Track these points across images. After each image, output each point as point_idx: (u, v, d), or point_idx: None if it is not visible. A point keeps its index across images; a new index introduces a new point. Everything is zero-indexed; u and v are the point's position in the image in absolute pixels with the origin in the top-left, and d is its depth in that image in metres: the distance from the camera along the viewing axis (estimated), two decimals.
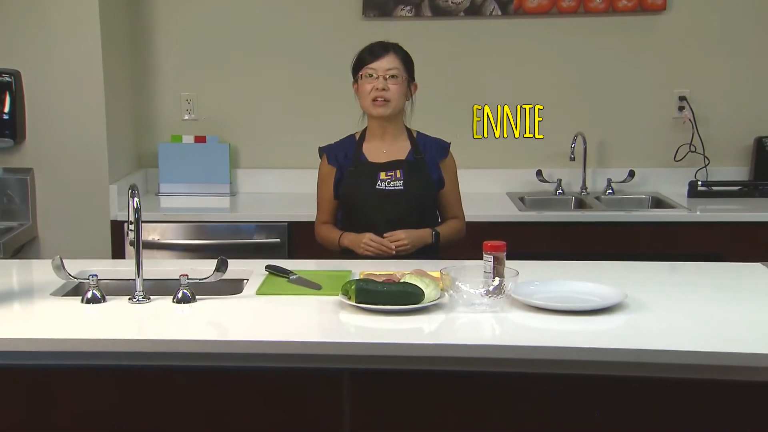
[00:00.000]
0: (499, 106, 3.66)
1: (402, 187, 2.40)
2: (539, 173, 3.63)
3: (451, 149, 2.52)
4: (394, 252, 2.31)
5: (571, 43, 3.63)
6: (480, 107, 3.66)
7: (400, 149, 2.45)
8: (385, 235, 2.34)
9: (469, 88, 3.65)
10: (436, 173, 2.45)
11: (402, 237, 2.33)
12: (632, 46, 3.62)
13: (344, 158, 2.45)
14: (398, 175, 2.40)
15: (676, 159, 3.65)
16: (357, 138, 2.49)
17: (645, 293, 2.01)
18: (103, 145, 3.21)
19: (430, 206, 2.46)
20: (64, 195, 3.23)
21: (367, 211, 2.40)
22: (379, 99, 2.36)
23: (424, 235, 2.39)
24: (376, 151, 2.45)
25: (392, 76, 2.36)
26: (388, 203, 2.38)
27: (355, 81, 2.43)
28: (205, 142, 3.60)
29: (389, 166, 2.42)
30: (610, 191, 3.63)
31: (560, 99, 3.67)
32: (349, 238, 2.37)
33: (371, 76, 2.36)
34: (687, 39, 3.62)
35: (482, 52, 3.62)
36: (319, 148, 2.51)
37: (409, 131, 2.49)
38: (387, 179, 2.40)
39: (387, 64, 2.36)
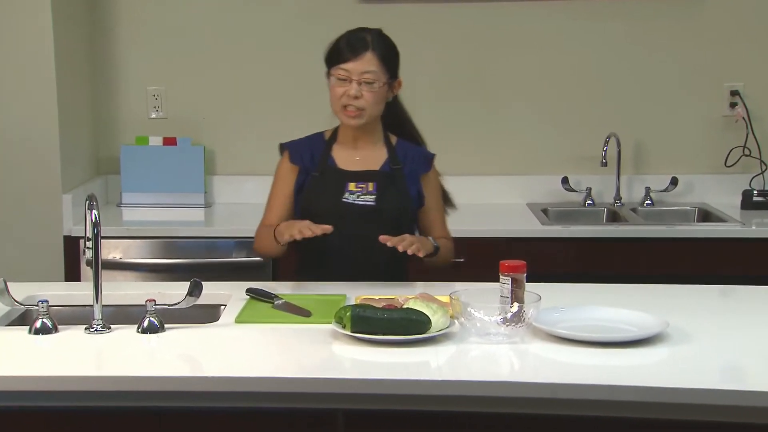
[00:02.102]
0: (516, 103, 3.69)
1: (373, 203, 2.37)
2: (565, 181, 3.64)
3: (459, 154, 2.53)
4: (330, 231, 2.20)
5: (601, 29, 3.65)
6: (495, 104, 3.69)
7: (376, 158, 2.43)
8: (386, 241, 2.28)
9: (481, 82, 3.67)
10: (415, 188, 2.43)
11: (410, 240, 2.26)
12: (674, 32, 3.65)
13: (310, 159, 2.42)
14: (370, 188, 2.38)
15: (728, 164, 3.66)
16: (326, 138, 2.45)
17: (690, 322, 2.01)
18: (55, 148, 3.23)
19: (407, 226, 2.42)
20: (9, 207, 3.24)
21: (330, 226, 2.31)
22: (351, 107, 2.34)
23: (426, 240, 2.35)
24: (347, 157, 2.42)
25: (367, 83, 2.32)
26: (355, 220, 2.33)
27: (327, 73, 2.40)
28: (175, 144, 3.62)
29: (361, 176, 2.39)
30: (648, 202, 3.65)
31: (590, 94, 3.69)
32: (284, 224, 2.27)
33: (344, 79, 2.33)
34: (739, 23, 3.64)
35: (496, 41, 3.65)
36: (281, 144, 2.48)
37: (387, 137, 2.46)
38: (357, 191, 2.38)
39: (363, 66, 2.32)
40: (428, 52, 3.65)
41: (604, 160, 3.58)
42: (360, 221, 2.34)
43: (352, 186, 2.38)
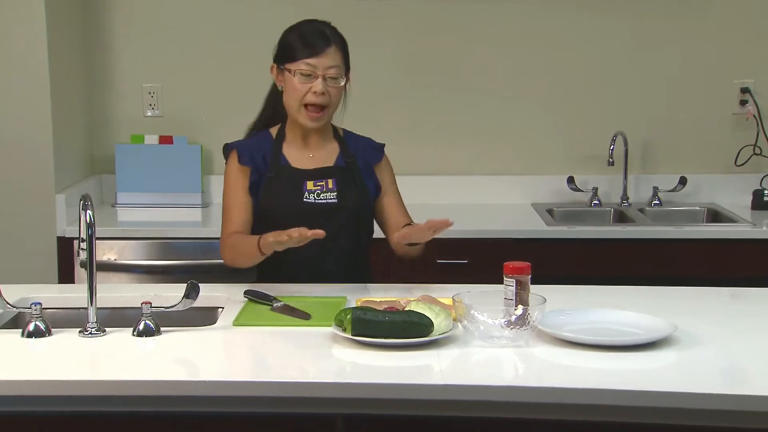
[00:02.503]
0: (521, 101, 3.69)
1: (336, 200, 2.36)
2: (571, 180, 3.64)
3: (462, 153, 2.52)
4: (322, 235, 2.14)
5: (608, 25, 3.66)
6: (499, 102, 3.69)
7: (329, 153, 2.41)
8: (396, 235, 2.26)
9: (485, 80, 3.67)
10: (372, 180, 2.42)
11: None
12: (683, 28, 3.65)
13: (260, 160, 2.37)
14: (330, 185, 2.36)
15: (738, 163, 3.66)
16: (273, 137, 2.42)
17: (699, 325, 2.01)
18: (48, 147, 3.23)
19: (367, 219, 2.42)
20: (2, 207, 3.24)
21: (291, 229, 2.25)
22: (313, 107, 2.29)
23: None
24: (299, 155, 2.39)
25: (332, 78, 2.29)
26: (320, 219, 2.28)
27: (280, 69, 2.34)
28: (171, 143, 3.63)
29: (318, 174, 2.37)
30: (656, 202, 3.65)
31: (596, 92, 3.69)
32: (272, 235, 2.17)
33: (308, 75, 2.28)
34: (749, 18, 3.65)
35: (501, 37, 3.66)
36: (225, 145, 2.41)
37: (335, 129, 2.44)
38: (316, 190, 2.35)
39: (329, 60, 2.28)
40: (431, 49, 3.66)
41: (611, 159, 3.58)
42: (322, 219, 2.30)
43: (310, 185, 2.36)
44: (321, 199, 2.36)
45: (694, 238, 3.24)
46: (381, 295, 2.19)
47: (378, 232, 2.47)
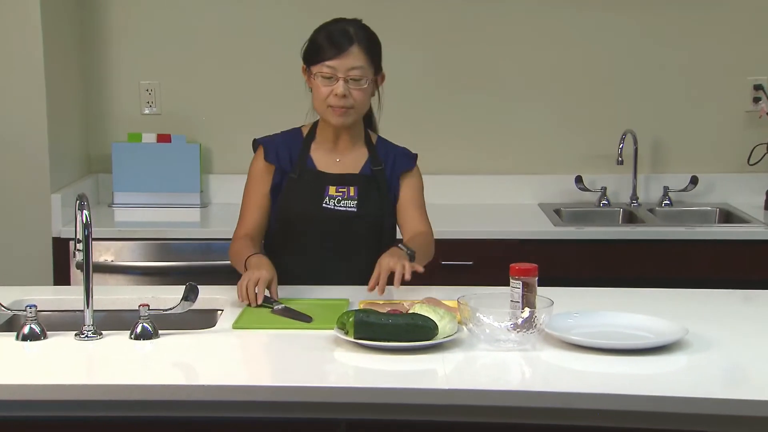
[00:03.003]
0: (528, 99, 3.69)
1: (355, 209, 2.35)
2: (579, 180, 3.65)
3: (468, 152, 2.50)
4: (255, 304, 2.13)
5: (617, 21, 3.66)
6: (505, 100, 3.69)
7: (356, 159, 2.40)
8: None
9: (492, 78, 3.68)
10: (395, 189, 2.41)
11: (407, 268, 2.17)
12: (694, 23, 3.65)
13: (287, 159, 2.38)
14: (351, 193, 2.36)
15: (751, 162, 3.66)
16: (304, 135, 2.42)
17: (711, 329, 2.01)
18: (44, 146, 3.24)
19: (388, 231, 2.41)
20: None
21: (309, 234, 2.32)
22: (339, 107, 2.30)
23: (400, 253, 2.23)
24: (326, 158, 2.39)
25: (354, 80, 2.28)
26: (337, 227, 2.30)
27: (309, 71, 2.34)
28: (169, 141, 3.63)
29: (341, 180, 2.36)
30: (667, 202, 3.65)
31: (605, 89, 3.69)
32: (253, 262, 2.20)
33: (329, 78, 2.28)
34: (762, 13, 3.65)
35: (507, 34, 3.66)
36: (255, 140, 2.42)
37: (368, 136, 2.43)
38: (337, 196, 2.35)
39: (350, 62, 2.27)
40: (437, 46, 3.66)
41: (620, 158, 3.58)
42: (340, 227, 2.31)
43: (332, 190, 2.36)
44: (340, 207, 2.36)
45: (706, 239, 3.24)
46: (384, 298, 2.19)
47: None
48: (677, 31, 3.65)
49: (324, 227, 2.26)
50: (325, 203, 2.36)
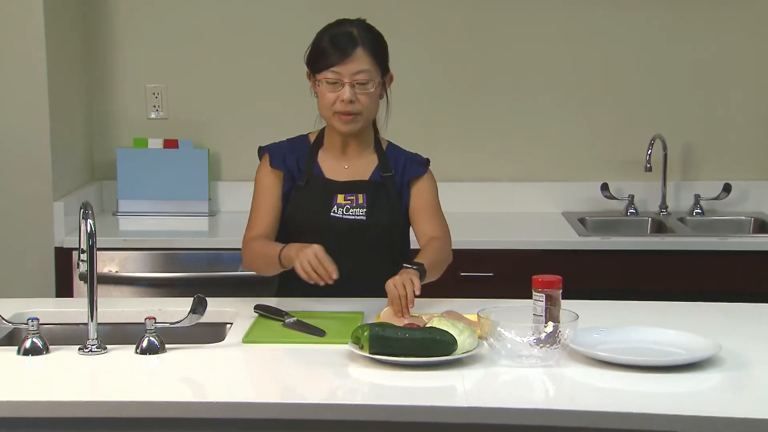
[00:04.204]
0: (551, 102, 3.68)
1: (364, 217, 2.35)
2: (605, 187, 3.64)
3: (487, 158, 2.48)
4: (331, 280, 2.13)
5: (645, 20, 3.65)
6: (527, 103, 3.69)
7: (365, 165, 2.40)
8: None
9: (511, 79, 3.67)
10: (406, 196, 2.41)
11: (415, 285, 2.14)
12: (727, 22, 3.64)
13: (294, 166, 2.39)
14: (360, 201, 2.36)
15: None
16: (311, 142, 2.43)
17: (746, 345, 2.00)
18: (46, 151, 3.26)
19: (397, 239, 2.41)
20: None
21: (317, 243, 2.24)
22: (345, 114, 2.30)
23: (411, 273, 2.20)
24: (334, 165, 2.39)
25: (361, 84, 2.27)
26: (344, 235, 2.30)
27: (313, 77, 2.34)
28: (176, 147, 3.65)
29: (350, 187, 2.37)
30: (698, 211, 3.63)
31: (632, 92, 3.69)
32: (295, 248, 2.18)
33: (334, 83, 2.28)
34: None
35: (529, 33, 3.66)
36: (260, 148, 2.43)
37: (377, 141, 2.43)
38: (345, 204, 2.36)
39: (355, 66, 2.27)
40: (453, 46, 3.66)
41: (649, 165, 3.57)
42: (348, 236, 2.31)
43: (340, 198, 2.36)
44: (349, 215, 2.36)
45: (740, 251, 3.22)
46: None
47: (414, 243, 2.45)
48: (709, 31, 3.64)
49: (332, 236, 2.26)
50: (333, 212, 2.36)
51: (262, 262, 2.32)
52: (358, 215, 2.36)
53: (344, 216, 2.36)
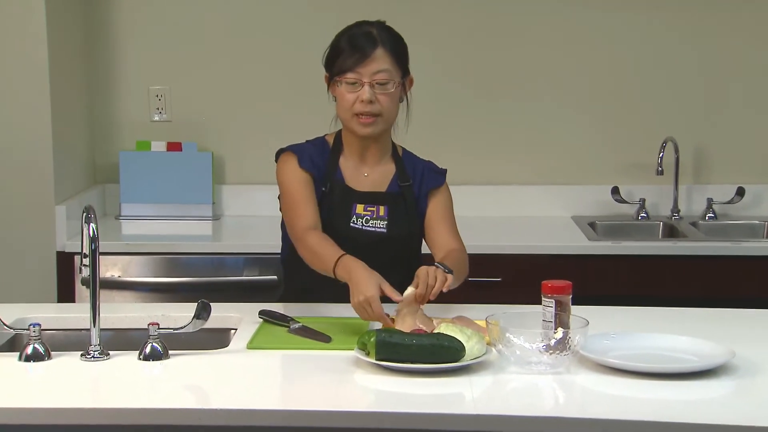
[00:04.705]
0: (560, 104, 3.68)
1: (385, 230, 2.35)
2: (615, 191, 3.63)
3: (495, 161, 2.48)
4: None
5: (657, 19, 3.65)
6: (535, 104, 3.69)
7: (384, 174, 2.40)
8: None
9: (520, 80, 3.67)
10: (423, 206, 2.40)
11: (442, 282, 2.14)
12: (740, 23, 3.64)
13: (321, 169, 2.36)
14: (380, 213, 2.35)
15: None
16: (330, 145, 2.41)
17: (760, 351, 2.00)
18: (48, 154, 3.27)
19: (415, 249, 2.41)
20: None
21: None
22: (366, 115, 2.29)
23: (439, 272, 2.20)
24: (354, 172, 2.38)
25: (380, 84, 2.27)
26: (364, 248, 2.25)
27: (332, 79, 2.33)
28: (180, 150, 3.66)
29: (370, 198, 2.36)
30: (710, 215, 3.63)
31: (643, 93, 3.68)
32: (356, 274, 2.10)
33: (353, 83, 2.27)
34: None
35: (538, 34, 3.66)
36: (282, 149, 2.39)
37: (394, 148, 2.43)
38: (365, 215, 2.35)
39: (375, 66, 2.26)
40: (460, 47, 3.67)
41: (660, 168, 3.57)
42: (367, 248, 2.27)
43: (359, 208, 2.36)
44: (369, 227, 2.36)
45: (753, 255, 3.21)
46: (412, 313, 2.18)
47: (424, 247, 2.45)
48: (721, 33, 3.64)
49: (351, 247, 2.23)
50: (353, 222, 2.35)
51: (318, 264, 2.24)
52: (378, 227, 2.36)
53: (364, 227, 2.35)
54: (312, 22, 3.63)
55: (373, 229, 2.36)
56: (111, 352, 2.00)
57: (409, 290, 2.10)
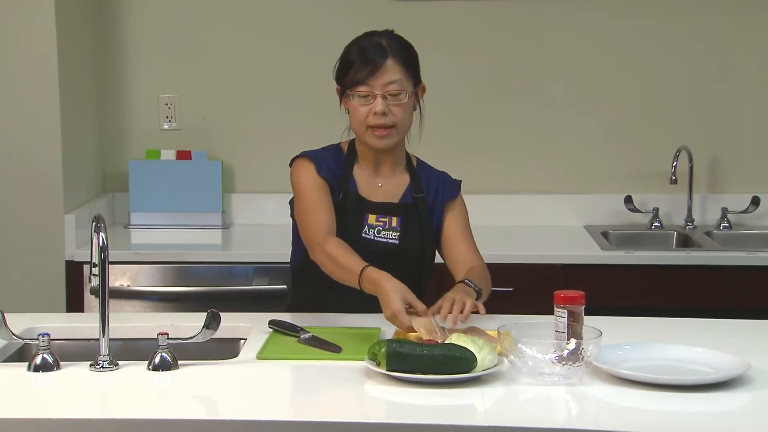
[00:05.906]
0: (572, 111, 3.68)
1: (397, 242, 2.35)
2: (629, 200, 3.63)
3: (506, 169, 2.47)
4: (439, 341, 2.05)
5: (670, 27, 3.65)
6: (547, 112, 3.68)
7: (398, 185, 2.40)
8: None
9: (531, 88, 3.68)
10: (437, 218, 2.40)
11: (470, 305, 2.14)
12: (754, 29, 3.63)
13: (337, 177, 2.36)
14: (393, 224, 2.35)
15: None
16: (345, 153, 2.41)
17: None
18: (57, 163, 3.28)
19: (428, 262, 2.41)
20: (5, 228, 3.28)
21: None
22: (380, 128, 2.29)
23: (469, 291, 2.23)
24: (368, 181, 2.38)
25: (393, 95, 2.27)
26: (375, 259, 2.21)
27: (343, 92, 2.32)
28: (189, 159, 3.67)
29: (383, 208, 2.36)
30: (725, 225, 3.62)
31: (657, 101, 3.68)
32: (382, 288, 2.10)
33: (366, 96, 2.27)
34: None
35: (549, 41, 3.66)
36: (298, 156, 2.38)
37: (408, 158, 2.43)
38: (377, 226, 2.35)
39: (387, 77, 2.26)
40: (471, 55, 3.67)
41: (674, 177, 3.56)
42: (379, 259, 2.24)
43: (371, 219, 2.35)
44: (381, 237, 2.36)
45: None
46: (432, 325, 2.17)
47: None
48: (735, 41, 3.63)
49: (362, 257, 2.21)
50: (365, 232, 2.35)
51: (339, 273, 2.22)
52: (390, 238, 2.36)
53: (376, 238, 2.36)
54: (323, 32, 3.64)
55: (385, 240, 2.36)
56: (120, 362, 2.01)
57: (425, 321, 2.08)
